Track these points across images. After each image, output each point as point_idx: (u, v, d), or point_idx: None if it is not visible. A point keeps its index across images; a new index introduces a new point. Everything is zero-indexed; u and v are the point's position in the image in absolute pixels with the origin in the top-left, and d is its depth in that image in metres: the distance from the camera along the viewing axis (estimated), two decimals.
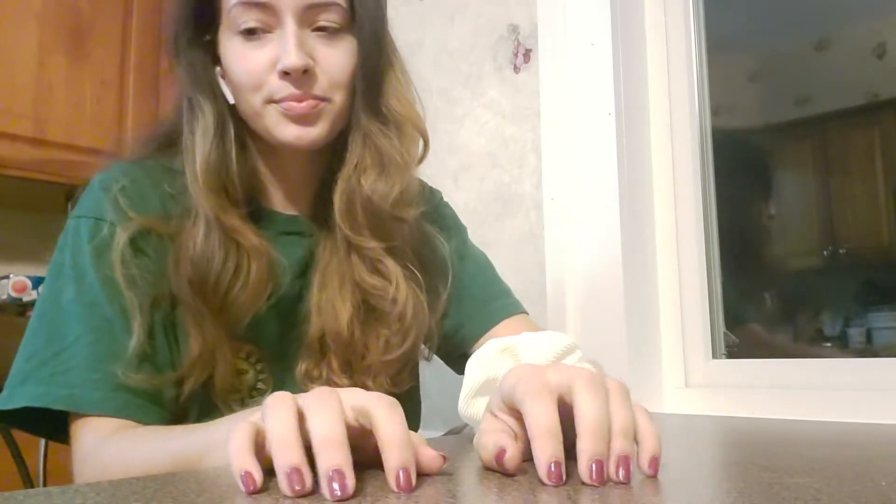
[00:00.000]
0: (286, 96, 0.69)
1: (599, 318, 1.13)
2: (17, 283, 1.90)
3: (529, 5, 1.30)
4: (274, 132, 0.71)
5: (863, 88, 1.57)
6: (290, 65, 0.68)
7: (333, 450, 0.39)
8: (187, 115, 0.72)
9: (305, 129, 0.70)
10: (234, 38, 0.71)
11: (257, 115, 0.71)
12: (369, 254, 0.74)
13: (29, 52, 1.85)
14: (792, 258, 1.55)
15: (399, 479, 0.40)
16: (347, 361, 0.75)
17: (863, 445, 0.68)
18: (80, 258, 0.67)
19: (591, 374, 0.45)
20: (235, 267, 0.69)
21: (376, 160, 0.74)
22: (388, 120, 0.75)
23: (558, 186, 1.21)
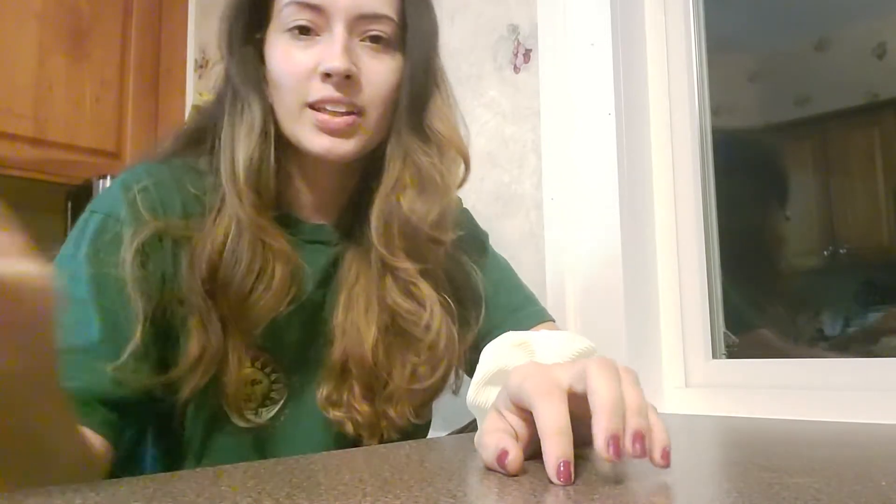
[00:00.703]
0: (323, 98, 0.69)
1: (599, 318, 1.13)
2: None
3: (529, 5, 1.30)
4: (304, 140, 0.70)
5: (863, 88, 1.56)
6: (334, 67, 0.67)
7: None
8: (231, 111, 0.72)
9: (337, 141, 0.70)
10: (281, 37, 0.71)
11: (292, 118, 0.70)
12: (403, 275, 0.73)
13: (29, 52, 1.85)
14: (792, 258, 1.55)
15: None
16: (370, 387, 0.74)
17: (863, 445, 0.68)
18: (77, 254, 0.66)
19: (602, 359, 0.45)
20: (260, 269, 0.68)
21: (416, 179, 0.73)
22: (431, 140, 0.75)
23: (558, 186, 1.21)
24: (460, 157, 0.77)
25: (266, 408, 0.73)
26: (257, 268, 0.68)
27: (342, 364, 0.73)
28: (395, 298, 0.74)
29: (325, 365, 0.74)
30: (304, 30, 0.70)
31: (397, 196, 0.73)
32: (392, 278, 0.74)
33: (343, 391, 0.73)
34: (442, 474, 0.45)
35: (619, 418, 0.41)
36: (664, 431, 0.44)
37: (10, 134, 1.81)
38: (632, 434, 0.41)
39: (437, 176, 0.74)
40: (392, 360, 0.74)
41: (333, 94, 0.68)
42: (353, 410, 0.73)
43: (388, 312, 0.74)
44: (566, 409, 0.43)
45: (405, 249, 0.73)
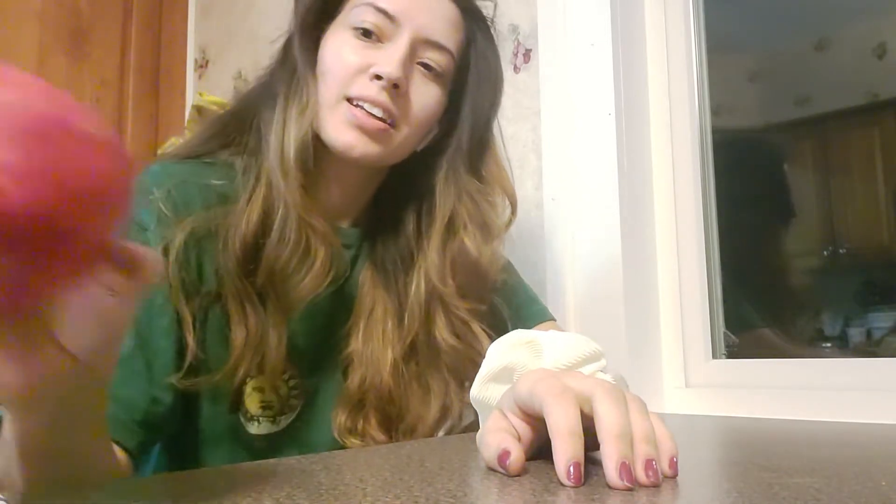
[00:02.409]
0: (364, 96, 0.69)
1: (599, 318, 1.13)
2: None
3: (529, 5, 1.29)
4: (332, 132, 0.71)
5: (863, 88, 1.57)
6: (388, 72, 0.69)
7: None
8: (286, 92, 0.72)
9: (363, 140, 0.70)
10: (345, 32, 0.72)
11: (328, 107, 0.71)
12: (456, 312, 0.74)
13: (29, 52, 1.85)
14: (792, 258, 1.55)
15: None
16: (387, 416, 0.74)
17: (863, 445, 0.68)
18: None
19: (610, 385, 0.45)
20: (304, 251, 0.69)
21: (478, 221, 0.75)
22: (486, 182, 0.77)
23: (558, 186, 1.21)
24: (508, 201, 0.80)
25: (285, 415, 0.73)
26: (301, 249, 0.69)
27: (360, 393, 0.74)
28: (444, 336, 0.74)
29: (341, 392, 0.74)
30: (368, 33, 0.71)
31: (460, 234, 0.75)
32: (443, 315, 0.75)
33: (358, 419, 0.74)
34: (442, 474, 0.45)
35: (627, 446, 0.41)
36: (671, 440, 0.44)
37: None
38: (643, 462, 0.41)
39: (494, 217, 0.77)
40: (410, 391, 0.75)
41: (376, 95, 0.69)
42: (370, 439, 0.73)
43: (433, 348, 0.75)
44: (578, 412, 0.43)
45: (464, 288, 0.74)
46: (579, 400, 0.44)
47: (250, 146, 0.73)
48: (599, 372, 0.60)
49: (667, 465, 0.43)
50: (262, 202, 0.69)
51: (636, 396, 0.46)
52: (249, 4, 1.93)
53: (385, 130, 0.70)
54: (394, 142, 0.72)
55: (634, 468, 0.41)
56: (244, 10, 1.95)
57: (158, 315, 0.64)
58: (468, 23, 0.77)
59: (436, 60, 0.73)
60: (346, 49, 0.71)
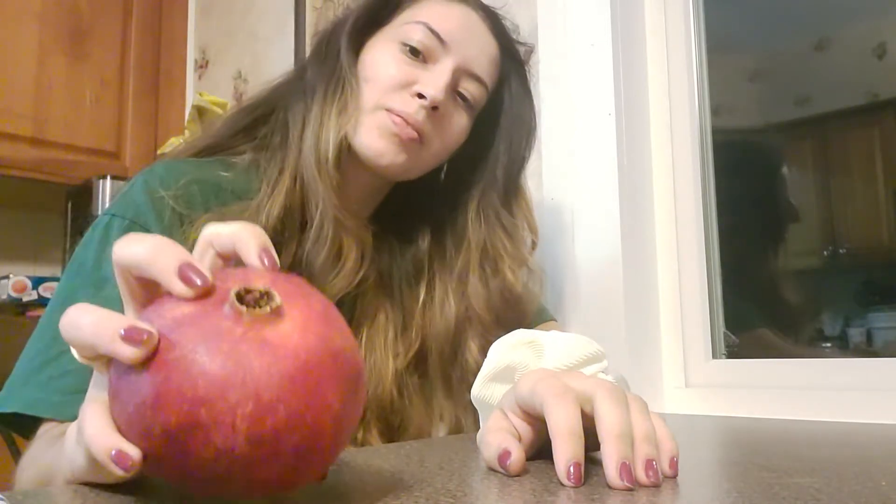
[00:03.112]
0: (405, 112, 0.70)
1: (599, 318, 1.13)
2: (17, 283, 1.91)
3: (529, 5, 1.29)
4: (365, 135, 0.71)
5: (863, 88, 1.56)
6: (432, 95, 0.70)
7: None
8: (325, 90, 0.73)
9: (394, 150, 0.71)
10: (392, 45, 0.73)
11: (365, 113, 0.72)
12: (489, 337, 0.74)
13: (29, 52, 1.85)
14: (792, 258, 1.55)
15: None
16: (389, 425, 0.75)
17: (863, 445, 0.68)
18: (104, 260, 0.64)
19: (611, 386, 0.45)
20: (337, 251, 0.70)
21: (513, 254, 0.78)
22: (515, 216, 0.80)
23: (558, 186, 1.21)
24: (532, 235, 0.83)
25: None
26: (336, 249, 0.70)
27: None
28: (476, 357, 0.75)
29: None
30: (416, 52, 0.72)
31: (501, 268, 0.77)
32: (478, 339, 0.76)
33: (359, 429, 0.74)
34: (442, 474, 0.45)
35: (627, 446, 0.41)
36: (672, 440, 0.44)
37: (10, 134, 1.81)
38: (643, 462, 0.41)
39: (524, 249, 0.80)
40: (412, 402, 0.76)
41: (414, 112, 0.71)
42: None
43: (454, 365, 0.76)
44: (578, 412, 0.43)
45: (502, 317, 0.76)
46: (580, 400, 0.44)
47: (275, 141, 0.74)
48: (601, 373, 0.60)
49: (667, 465, 0.43)
50: (285, 196, 0.69)
51: (637, 396, 0.46)
52: (249, 4, 1.93)
53: (416, 141, 0.72)
54: (420, 156, 0.74)
55: (635, 468, 0.41)
56: (244, 10, 1.95)
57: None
58: (505, 62, 0.80)
59: (472, 92, 0.75)
60: (392, 62, 0.73)
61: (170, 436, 0.31)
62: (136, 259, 0.34)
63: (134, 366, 0.31)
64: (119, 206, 0.68)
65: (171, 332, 0.32)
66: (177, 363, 0.31)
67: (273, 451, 0.31)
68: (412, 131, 0.71)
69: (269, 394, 0.31)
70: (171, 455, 0.31)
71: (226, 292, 0.33)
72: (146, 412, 0.31)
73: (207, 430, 0.30)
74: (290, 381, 0.31)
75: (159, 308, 0.33)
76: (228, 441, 0.30)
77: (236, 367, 0.31)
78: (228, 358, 0.31)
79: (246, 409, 0.30)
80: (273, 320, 0.33)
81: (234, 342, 0.31)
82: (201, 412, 0.30)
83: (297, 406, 0.31)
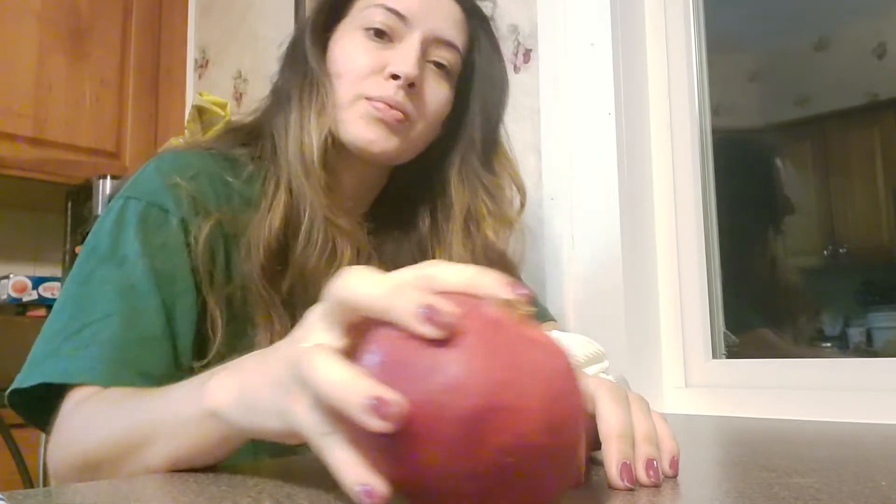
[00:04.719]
0: (383, 97, 0.70)
1: (599, 318, 1.13)
2: (17, 283, 1.91)
3: (529, 5, 1.29)
4: (351, 127, 0.71)
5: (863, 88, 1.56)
6: (405, 71, 0.69)
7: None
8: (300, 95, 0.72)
9: (383, 135, 0.71)
10: (356, 33, 0.73)
11: (343, 107, 0.71)
12: None
13: (29, 51, 1.85)
14: (792, 258, 1.55)
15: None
16: None
17: (863, 445, 0.68)
18: (122, 240, 0.63)
19: (612, 385, 0.45)
20: (330, 252, 0.69)
21: (496, 213, 0.77)
22: (500, 176, 0.79)
23: (558, 186, 1.21)
24: (519, 193, 0.82)
25: None
26: (328, 251, 0.69)
27: None
28: None
29: None
30: (381, 33, 0.72)
31: (483, 227, 0.76)
32: None
33: None
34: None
35: (628, 446, 0.41)
36: (672, 440, 0.45)
37: (10, 134, 1.81)
38: (644, 462, 0.41)
39: (508, 207, 0.79)
40: None
41: (393, 94, 0.70)
42: None
43: None
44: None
45: None
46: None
47: (267, 152, 0.73)
48: (602, 373, 0.60)
49: (667, 464, 0.43)
50: (284, 208, 0.69)
51: (639, 395, 0.46)
52: (249, 4, 1.93)
53: (402, 122, 0.71)
54: (410, 136, 0.73)
55: (635, 468, 0.41)
56: (244, 10, 1.95)
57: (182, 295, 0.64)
58: (471, 22, 0.79)
59: (446, 58, 0.74)
60: (359, 50, 0.72)
61: (471, 421, 0.30)
62: (369, 304, 0.33)
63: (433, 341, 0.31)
64: (132, 188, 0.68)
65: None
66: (475, 348, 0.31)
67: (561, 443, 0.31)
68: (396, 113, 0.70)
69: (558, 385, 0.32)
70: (465, 445, 0.30)
71: (475, 304, 0.33)
72: (446, 394, 0.30)
73: (508, 417, 0.30)
74: (566, 376, 0.32)
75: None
76: (527, 428, 0.30)
77: (523, 358, 0.31)
78: (514, 350, 0.31)
79: (543, 400, 0.31)
80: (528, 323, 0.33)
81: (511, 337, 0.32)
82: (504, 399, 0.30)
83: (577, 401, 0.33)
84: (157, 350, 0.61)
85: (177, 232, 0.65)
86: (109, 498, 0.39)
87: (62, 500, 0.38)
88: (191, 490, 0.40)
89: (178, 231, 0.65)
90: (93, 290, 0.62)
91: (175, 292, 0.64)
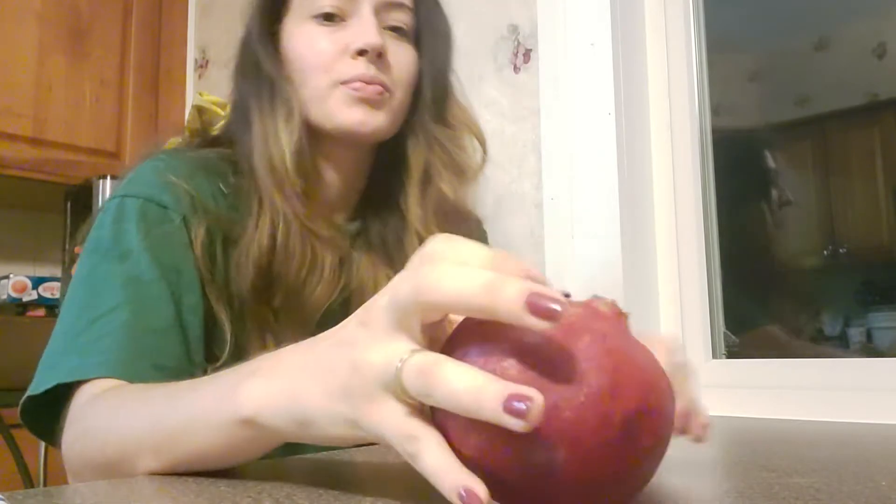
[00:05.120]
0: (357, 76, 0.68)
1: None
2: (17, 283, 1.91)
3: (529, 5, 1.29)
4: (338, 115, 0.69)
5: (863, 88, 1.57)
6: (370, 43, 0.68)
7: None
8: (260, 105, 0.71)
9: (370, 113, 0.70)
10: (305, 24, 0.71)
11: (321, 98, 0.70)
12: None
13: (29, 51, 1.85)
14: (792, 258, 1.55)
15: None
16: None
17: (863, 445, 0.68)
18: (123, 236, 0.63)
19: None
20: (311, 260, 0.68)
21: (450, 166, 0.75)
22: (454, 128, 0.77)
23: (558, 186, 1.21)
24: (478, 142, 0.80)
25: None
26: (308, 260, 0.68)
27: None
28: None
29: None
30: (331, 16, 0.71)
31: (435, 182, 0.74)
32: None
33: None
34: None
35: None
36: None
37: (9, 134, 1.81)
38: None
39: (467, 160, 0.76)
40: None
41: (367, 71, 0.69)
42: None
43: None
44: None
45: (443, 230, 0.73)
46: None
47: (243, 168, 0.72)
48: None
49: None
50: (270, 225, 0.68)
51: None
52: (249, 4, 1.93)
53: (383, 93, 0.70)
54: (393, 105, 0.72)
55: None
56: (244, 9, 1.95)
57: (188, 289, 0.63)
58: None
59: (401, 20, 0.73)
60: (315, 38, 0.70)
61: (625, 423, 0.29)
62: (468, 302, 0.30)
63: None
64: (128, 186, 0.67)
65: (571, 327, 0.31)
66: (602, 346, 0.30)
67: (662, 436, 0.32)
68: (375, 87, 0.69)
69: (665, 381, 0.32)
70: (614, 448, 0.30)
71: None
72: (602, 401, 0.29)
73: (654, 419, 0.31)
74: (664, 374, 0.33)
75: None
76: (666, 429, 0.31)
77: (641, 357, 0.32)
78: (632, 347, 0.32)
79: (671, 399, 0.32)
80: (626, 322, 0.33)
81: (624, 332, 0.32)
82: (650, 398, 0.30)
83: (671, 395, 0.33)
84: (168, 341, 0.61)
85: (179, 228, 0.64)
86: (109, 498, 0.39)
87: (62, 500, 0.38)
88: (191, 490, 0.40)
89: (180, 227, 0.64)
90: (97, 285, 0.61)
91: (181, 285, 0.63)
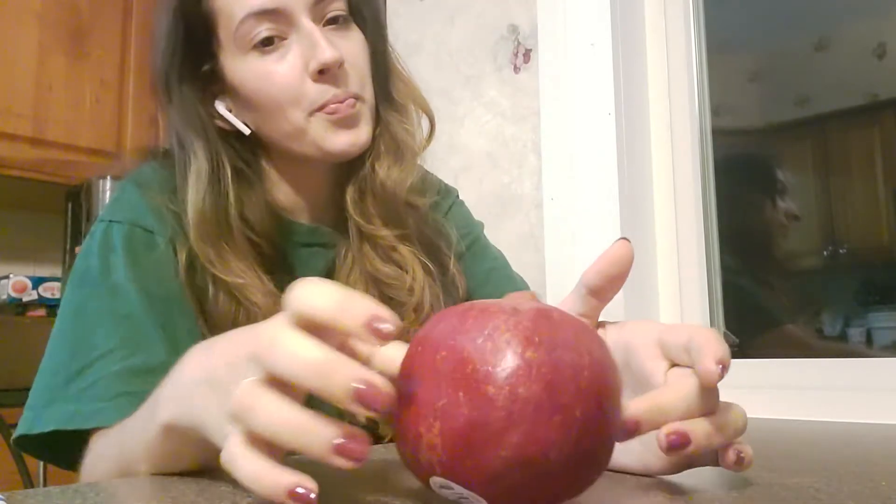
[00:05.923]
0: (330, 99, 0.65)
1: (600, 317, 1.13)
2: (17, 283, 1.91)
3: (529, 5, 1.30)
4: (324, 144, 0.66)
5: (863, 88, 1.56)
6: (327, 59, 0.63)
7: None
8: (178, 159, 0.67)
9: (352, 133, 0.66)
10: (247, 58, 0.65)
11: (301, 131, 0.66)
12: (382, 242, 0.71)
13: (29, 51, 1.85)
14: (792, 258, 1.55)
15: None
16: None
17: (863, 445, 0.68)
18: (111, 267, 0.62)
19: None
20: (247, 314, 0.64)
21: (391, 147, 0.71)
22: (399, 104, 0.73)
23: (558, 186, 1.21)
24: (424, 115, 0.76)
25: None
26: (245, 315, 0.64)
27: None
28: (376, 266, 0.71)
29: None
30: (270, 40, 0.64)
31: (372, 165, 0.71)
32: (371, 247, 0.72)
33: None
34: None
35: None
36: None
37: (9, 134, 1.81)
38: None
39: (410, 140, 0.73)
40: None
41: (336, 90, 0.65)
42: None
43: (375, 282, 0.71)
44: None
45: (382, 217, 0.71)
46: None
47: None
48: None
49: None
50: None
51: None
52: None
53: (356, 104, 0.66)
54: (368, 110, 0.69)
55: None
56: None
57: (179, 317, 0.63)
58: None
59: (336, 8, 0.67)
60: (268, 73, 0.65)
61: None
62: (317, 314, 0.33)
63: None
64: (113, 210, 0.66)
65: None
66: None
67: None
68: (349, 101, 0.65)
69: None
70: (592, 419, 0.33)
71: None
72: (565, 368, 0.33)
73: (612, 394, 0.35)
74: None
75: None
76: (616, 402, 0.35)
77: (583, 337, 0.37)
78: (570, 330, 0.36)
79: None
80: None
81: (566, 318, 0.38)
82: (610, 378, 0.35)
83: None
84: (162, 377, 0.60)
85: (165, 252, 0.63)
86: (110, 498, 0.39)
87: (62, 500, 0.38)
88: (191, 490, 0.40)
89: (166, 251, 0.63)
90: (89, 322, 0.60)
91: (173, 314, 0.62)
